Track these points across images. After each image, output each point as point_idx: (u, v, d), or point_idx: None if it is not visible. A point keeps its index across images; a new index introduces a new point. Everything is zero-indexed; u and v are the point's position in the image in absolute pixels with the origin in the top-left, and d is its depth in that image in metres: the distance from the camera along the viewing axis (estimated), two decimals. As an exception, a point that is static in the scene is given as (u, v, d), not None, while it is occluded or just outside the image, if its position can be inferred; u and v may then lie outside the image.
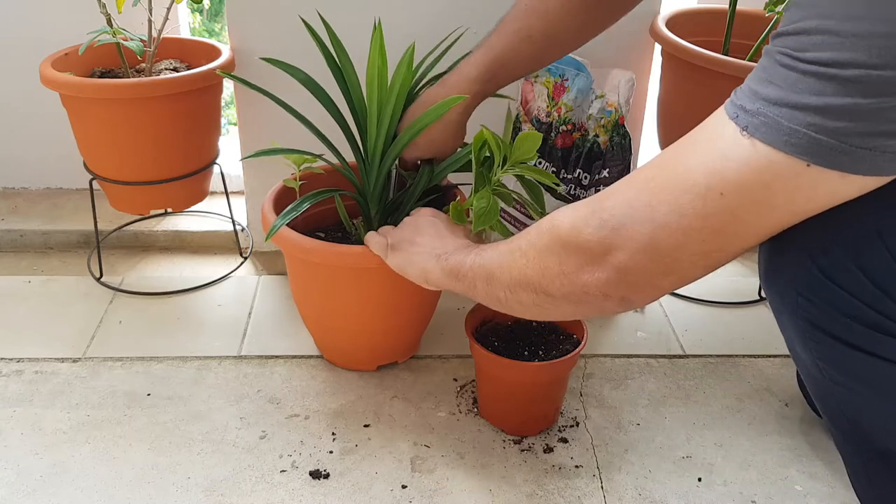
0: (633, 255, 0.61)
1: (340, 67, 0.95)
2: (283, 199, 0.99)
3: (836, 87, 0.49)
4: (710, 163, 0.56)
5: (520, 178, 0.90)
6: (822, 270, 0.59)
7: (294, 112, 0.95)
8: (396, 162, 0.96)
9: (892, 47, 0.47)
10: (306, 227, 1.00)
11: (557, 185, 0.91)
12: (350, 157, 0.97)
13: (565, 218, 0.66)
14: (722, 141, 0.56)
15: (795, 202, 0.55)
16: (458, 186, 1.01)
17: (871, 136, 0.50)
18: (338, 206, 0.99)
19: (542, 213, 0.90)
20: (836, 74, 0.49)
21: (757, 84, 0.54)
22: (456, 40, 0.99)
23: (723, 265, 0.61)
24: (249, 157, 0.93)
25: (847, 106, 0.49)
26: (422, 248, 0.84)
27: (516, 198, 0.92)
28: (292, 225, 0.92)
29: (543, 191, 0.98)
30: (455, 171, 0.97)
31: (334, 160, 0.98)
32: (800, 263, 0.61)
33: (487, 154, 0.89)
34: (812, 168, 0.52)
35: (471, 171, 0.89)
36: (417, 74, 0.95)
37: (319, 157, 0.97)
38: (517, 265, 0.71)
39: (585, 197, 1.10)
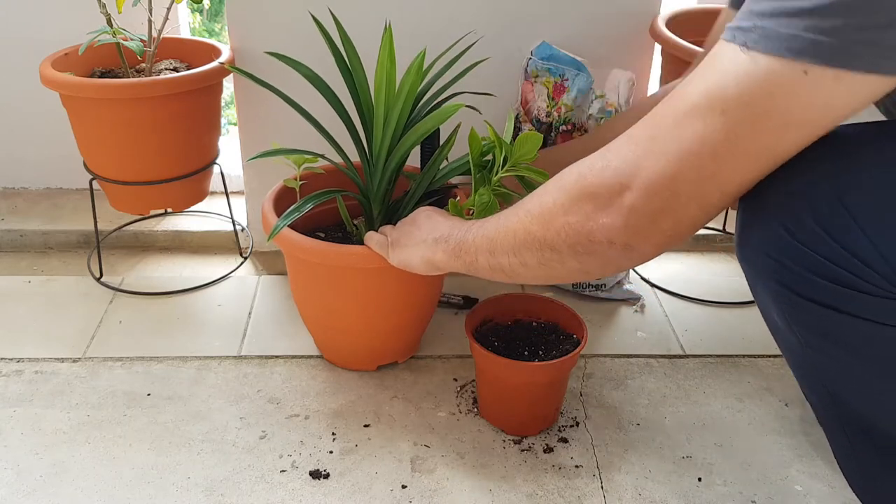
0: (637, 192, 0.62)
1: (349, 66, 0.95)
2: (283, 199, 0.99)
3: None
4: (710, 84, 0.58)
5: (520, 178, 0.91)
6: (789, 233, 0.61)
7: (301, 110, 0.94)
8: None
9: None
10: (306, 227, 1.00)
11: None
12: (353, 156, 0.97)
13: (572, 168, 0.68)
14: (720, 62, 0.57)
15: (791, 111, 0.56)
16: (459, 186, 1.01)
17: (865, 29, 0.52)
18: (339, 207, 1.00)
19: None
20: None
21: (751, 4, 0.56)
22: (468, 48, 0.99)
23: (718, 208, 0.62)
24: (254, 158, 0.93)
25: (839, 3, 0.51)
26: (420, 237, 0.84)
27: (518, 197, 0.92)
28: (292, 225, 0.92)
29: None
30: (459, 175, 0.97)
31: (337, 159, 0.98)
32: (769, 228, 0.62)
33: (488, 158, 0.90)
34: (809, 74, 0.53)
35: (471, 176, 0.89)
36: (427, 78, 0.95)
37: (321, 156, 0.97)
38: (522, 225, 0.71)
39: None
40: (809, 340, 0.66)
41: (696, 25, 1.18)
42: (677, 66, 1.10)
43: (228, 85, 1.24)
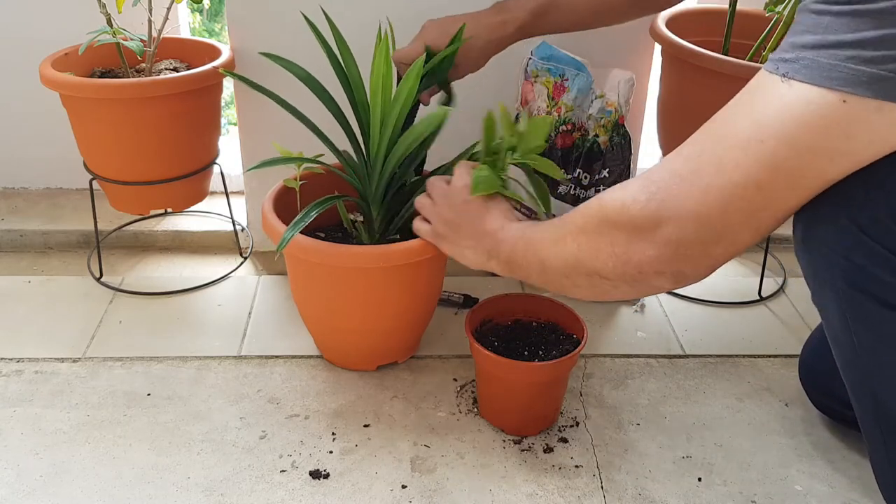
0: (681, 224, 0.61)
1: (343, 67, 0.95)
2: (283, 199, 0.99)
3: (869, 21, 0.51)
4: (750, 114, 0.57)
5: (525, 169, 0.89)
6: (860, 228, 0.59)
7: (295, 112, 0.94)
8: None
9: None
10: (307, 227, 1.00)
11: (562, 178, 0.90)
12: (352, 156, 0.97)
13: (615, 197, 0.67)
14: (760, 92, 0.57)
15: (834, 142, 0.55)
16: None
17: None
18: (340, 211, 1.00)
19: (548, 212, 0.90)
20: (868, 9, 0.51)
21: (794, 36, 0.56)
22: (462, 42, 0.99)
23: (772, 229, 0.61)
24: (252, 168, 0.92)
25: (882, 36, 0.51)
26: (468, 240, 0.83)
27: (517, 200, 0.92)
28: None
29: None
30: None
31: (335, 161, 0.98)
32: (838, 223, 0.61)
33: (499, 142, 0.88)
34: (850, 103, 0.53)
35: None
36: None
37: (319, 162, 0.97)
38: (569, 251, 0.71)
39: (586, 197, 1.10)
40: (865, 341, 0.65)
41: (696, 25, 1.18)
42: (677, 66, 1.10)
43: (228, 85, 1.24)
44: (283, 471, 0.87)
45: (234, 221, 1.30)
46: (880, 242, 0.59)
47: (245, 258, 1.28)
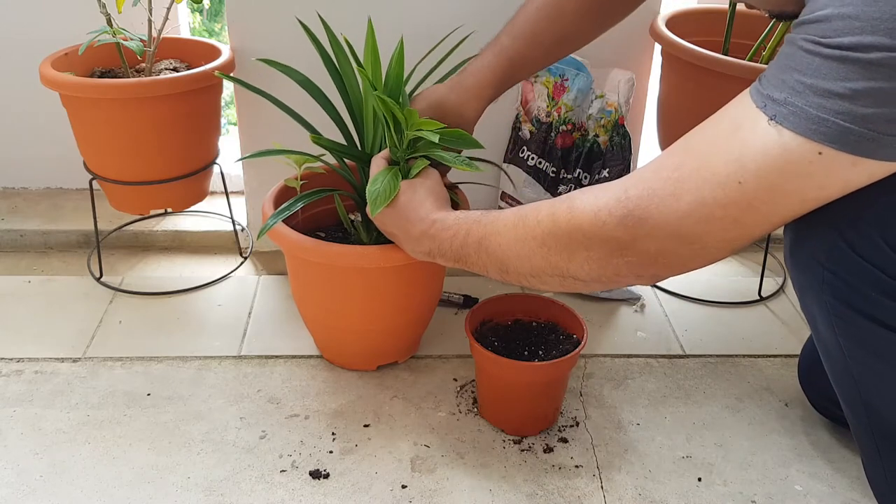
0: (662, 242, 0.62)
1: (338, 68, 0.95)
2: (283, 198, 0.99)
3: (859, 71, 0.50)
4: (732, 152, 0.57)
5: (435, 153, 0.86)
6: (849, 244, 0.60)
7: (292, 113, 0.95)
8: None
9: None
10: (306, 227, 1.00)
11: (480, 147, 0.87)
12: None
13: (586, 206, 0.66)
14: (744, 130, 0.57)
15: (807, 189, 0.56)
16: (458, 186, 1.01)
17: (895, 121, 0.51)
18: (337, 206, 1.00)
19: (465, 163, 0.85)
20: (859, 58, 0.50)
21: (782, 72, 0.55)
22: (461, 41, 0.99)
23: (746, 246, 0.63)
24: (246, 157, 0.93)
25: (871, 90, 0.50)
26: (408, 244, 0.83)
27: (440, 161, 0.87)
28: (293, 224, 0.92)
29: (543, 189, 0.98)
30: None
31: (332, 160, 0.98)
32: (827, 238, 0.62)
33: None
34: (825, 155, 0.53)
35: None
36: (413, 71, 0.95)
37: (317, 158, 0.97)
38: (538, 255, 0.70)
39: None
40: (854, 353, 0.65)
41: (696, 25, 1.18)
42: (677, 66, 1.10)
43: (228, 85, 1.24)
44: (283, 471, 0.87)
45: (234, 221, 1.30)
46: (867, 259, 0.60)
47: (245, 258, 1.28)
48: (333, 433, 0.93)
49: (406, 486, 0.86)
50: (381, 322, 0.98)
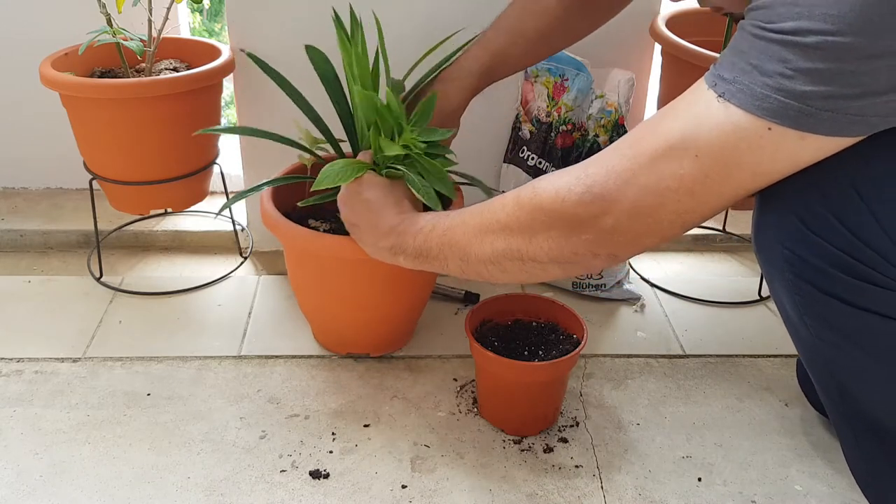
0: (619, 217, 0.65)
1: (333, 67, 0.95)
2: (282, 192, 1.00)
3: (798, 53, 0.54)
4: (687, 127, 0.61)
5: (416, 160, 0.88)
6: (803, 222, 0.63)
7: (299, 100, 0.95)
8: None
9: (843, 16, 0.52)
10: (310, 214, 1.00)
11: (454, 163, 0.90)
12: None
13: (548, 186, 0.69)
14: (698, 107, 0.61)
15: (760, 163, 0.60)
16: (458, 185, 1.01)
17: (832, 98, 0.55)
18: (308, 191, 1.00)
19: (434, 198, 0.86)
20: (799, 42, 0.54)
21: (732, 55, 0.59)
22: (466, 45, 0.99)
23: (696, 225, 0.66)
24: (240, 132, 0.93)
25: (809, 70, 0.54)
26: (370, 238, 0.84)
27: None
28: (289, 214, 0.94)
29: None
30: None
31: (331, 151, 0.99)
32: (784, 218, 0.65)
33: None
34: (774, 130, 0.57)
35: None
36: (412, 72, 0.95)
37: (311, 151, 0.98)
38: (500, 238, 0.73)
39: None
40: (821, 333, 0.67)
41: (696, 25, 1.18)
42: (677, 66, 1.10)
43: (228, 85, 1.24)
44: (283, 471, 0.87)
45: (234, 221, 1.30)
46: (823, 237, 0.62)
47: (245, 258, 1.28)
48: (333, 433, 0.93)
49: (406, 486, 0.86)
50: (369, 311, 0.99)
